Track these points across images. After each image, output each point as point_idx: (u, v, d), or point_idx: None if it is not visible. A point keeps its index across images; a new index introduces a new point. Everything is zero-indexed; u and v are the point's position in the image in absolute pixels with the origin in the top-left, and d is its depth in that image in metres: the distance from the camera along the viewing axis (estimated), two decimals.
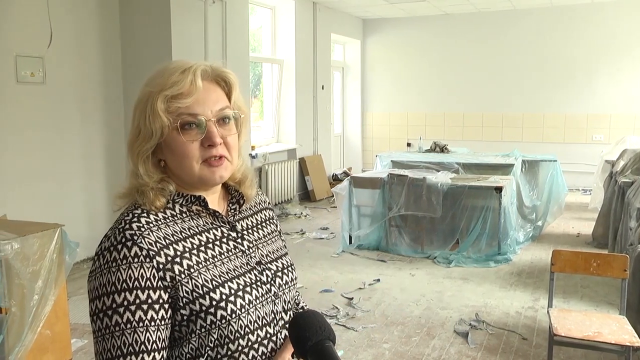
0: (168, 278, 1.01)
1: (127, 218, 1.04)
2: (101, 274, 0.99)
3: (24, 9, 4.74)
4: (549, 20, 9.39)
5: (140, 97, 1.08)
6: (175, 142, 1.07)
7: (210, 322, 1.03)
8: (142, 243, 1.00)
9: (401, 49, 10.62)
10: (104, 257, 1.00)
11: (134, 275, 0.98)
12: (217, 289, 1.05)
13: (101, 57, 5.54)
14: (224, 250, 1.12)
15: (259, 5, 8.26)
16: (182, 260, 1.03)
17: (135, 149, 1.08)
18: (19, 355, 2.74)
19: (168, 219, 1.07)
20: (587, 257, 3.02)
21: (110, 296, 0.98)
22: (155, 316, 0.99)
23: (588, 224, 6.69)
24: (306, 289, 4.72)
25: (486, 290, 4.67)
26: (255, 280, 1.12)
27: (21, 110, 4.78)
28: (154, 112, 1.05)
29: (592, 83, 9.25)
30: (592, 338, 2.75)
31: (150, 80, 1.08)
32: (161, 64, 1.11)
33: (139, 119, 1.07)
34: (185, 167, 1.08)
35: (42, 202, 4.90)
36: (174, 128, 1.06)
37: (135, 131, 1.08)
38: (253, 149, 7.54)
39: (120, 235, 1.01)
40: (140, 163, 1.08)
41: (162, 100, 1.05)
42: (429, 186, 5.59)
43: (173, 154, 1.08)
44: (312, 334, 1.00)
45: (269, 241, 1.25)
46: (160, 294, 1.00)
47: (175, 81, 1.05)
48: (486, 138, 10.05)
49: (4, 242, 2.68)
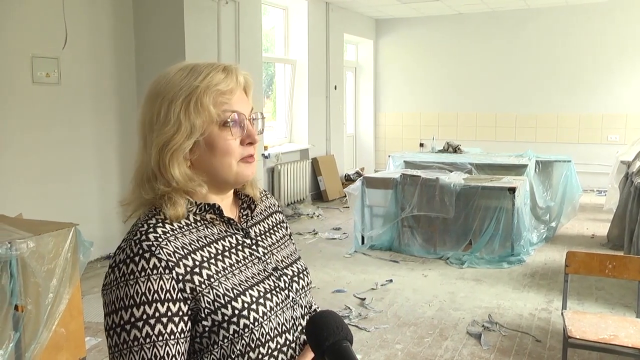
0: (188, 289, 0.98)
1: (142, 229, 1.01)
2: (117, 287, 0.97)
3: (39, 11, 4.79)
4: (563, 19, 9.31)
5: (175, 93, 1.03)
6: (217, 139, 1.05)
7: (233, 332, 1.02)
8: (160, 254, 0.98)
9: (414, 48, 10.59)
10: (120, 269, 0.97)
11: (153, 287, 0.96)
12: (238, 298, 1.03)
13: (115, 58, 5.59)
14: (240, 258, 1.10)
15: (271, 6, 8.28)
16: (201, 270, 1.01)
17: (171, 147, 1.03)
18: (34, 352, 2.77)
19: (183, 229, 1.05)
20: (603, 258, 2.98)
21: (129, 310, 0.95)
22: (175, 329, 0.97)
23: (603, 225, 6.62)
24: (318, 289, 4.72)
25: (499, 292, 4.64)
26: (274, 287, 1.11)
27: (37, 111, 4.83)
28: (203, 106, 1.03)
29: (608, 82, 9.15)
30: (608, 341, 2.72)
31: (180, 77, 1.05)
32: (181, 64, 1.09)
33: (179, 114, 1.02)
34: (224, 165, 1.07)
35: (57, 202, 4.95)
36: (219, 124, 1.05)
37: (172, 128, 1.02)
38: (266, 149, 7.56)
39: (137, 246, 0.98)
40: (175, 164, 1.03)
41: (210, 95, 1.04)
42: (442, 186, 5.56)
43: (213, 151, 1.06)
44: (330, 334, 1.00)
45: (282, 246, 1.24)
46: (180, 306, 0.97)
47: (222, 78, 1.05)
48: (499, 138, 9.98)
49: (19, 240, 2.71)
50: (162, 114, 1.03)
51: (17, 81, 4.66)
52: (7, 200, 4.46)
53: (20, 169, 4.71)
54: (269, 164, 7.74)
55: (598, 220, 7.10)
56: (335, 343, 0.99)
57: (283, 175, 7.88)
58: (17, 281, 2.69)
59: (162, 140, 1.03)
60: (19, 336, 2.71)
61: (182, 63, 1.10)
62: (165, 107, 1.03)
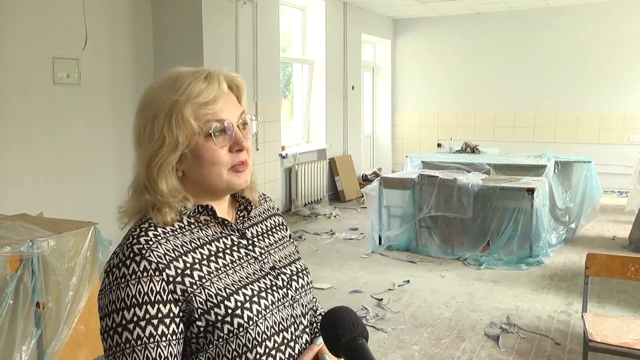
0: (179, 291, 0.99)
1: (134, 233, 1.03)
2: (110, 291, 0.98)
3: (60, 13, 4.86)
4: (583, 17, 9.19)
5: (158, 107, 1.04)
6: (203, 150, 1.05)
7: (228, 332, 1.02)
8: (150, 257, 0.98)
9: (432, 48, 10.53)
10: (113, 274, 0.99)
11: (143, 289, 0.96)
12: (231, 297, 1.03)
13: (134, 59, 5.64)
14: (235, 258, 1.10)
15: (289, 6, 8.29)
16: (192, 272, 1.02)
17: (157, 162, 1.04)
18: (55, 349, 2.81)
19: (176, 231, 1.05)
20: (624, 260, 2.92)
21: (120, 312, 0.96)
22: (166, 331, 0.97)
23: (624, 226, 6.53)
24: (335, 289, 4.72)
25: (518, 293, 4.60)
26: (270, 285, 1.11)
27: (57, 111, 4.90)
28: (183, 120, 1.02)
29: (630, 82, 9.00)
30: (631, 345, 2.67)
31: (164, 89, 1.05)
32: (168, 73, 1.09)
33: (162, 129, 1.03)
34: (213, 175, 1.07)
35: (77, 201, 5.01)
36: (203, 135, 1.04)
37: (156, 143, 1.03)
38: (283, 149, 7.57)
39: (129, 250, 0.99)
40: (162, 178, 1.05)
41: (190, 108, 1.03)
42: (460, 187, 5.53)
43: (200, 162, 1.06)
44: (345, 331, 1.00)
45: (281, 247, 1.23)
46: (170, 308, 0.98)
47: (203, 88, 1.04)
48: (518, 139, 9.89)
49: (41, 239, 2.75)
50: (147, 128, 1.05)
51: (38, 82, 4.73)
52: (28, 199, 4.53)
53: (41, 169, 4.78)
54: (286, 164, 7.76)
55: (619, 221, 6.99)
56: (351, 340, 0.99)
57: (300, 175, 7.89)
58: (38, 279, 2.73)
59: (149, 154, 1.05)
60: (40, 333, 2.75)
61: (170, 72, 1.09)
62: (150, 122, 1.04)
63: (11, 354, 2.61)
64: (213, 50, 5.82)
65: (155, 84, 1.09)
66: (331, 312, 1.05)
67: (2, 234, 2.79)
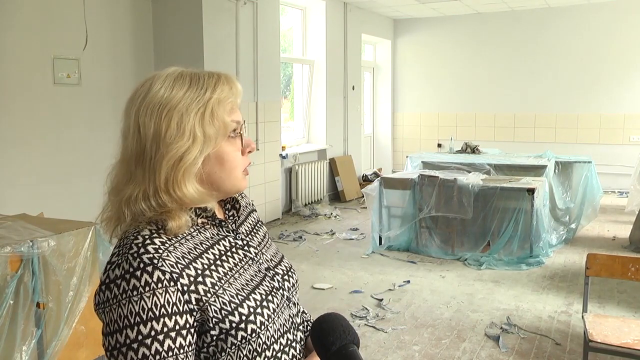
0: (193, 300, 0.95)
1: (137, 241, 0.95)
2: (119, 305, 0.91)
3: (61, 13, 4.86)
4: (584, 18, 9.19)
5: (188, 103, 0.99)
6: (225, 152, 1.04)
7: (241, 338, 0.99)
8: (163, 266, 0.93)
9: (432, 49, 10.53)
10: (119, 286, 0.92)
11: (160, 302, 0.91)
12: (244, 303, 1.01)
13: (134, 59, 5.64)
14: (237, 261, 1.08)
15: (289, 6, 8.29)
16: (204, 278, 0.98)
17: (185, 162, 0.98)
18: (55, 349, 2.80)
19: (179, 237, 1.00)
20: (625, 261, 2.92)
21: (135, 328, 0.90)
22: (184, 342, 0.93)
23: (624, 227, 6.53)
24: (336, 290, 4.72)
25: (518, 294, 4.60)
26: (272, 288, 1.10)
27: (57, 111, 4.90)
28: (217, 117, 1.01)
29: (630, 82, 9.00)
30: (632, 346, 2.67)
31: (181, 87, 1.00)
32: (168, 72, 1.03)
33: (194, 127, 0.98)
34: (233, 178, 1.06)
35: (77, 201, 5.01)
36: (227, 136, 1.03)
37: (187, 142, 0.98)
38: (283, 150, 7.57)
39: (137, 260, 0.93)
40: (188, 181, 0.99)
41: (222, 107, 1.02)
42: (460, 187, 5.53)
43: (222, 164, 1.04)
44: (337, 338, 1.00)
45: (267, 245, 1.22)
46: (186, 319, 0.94)
47: (228, 89, 1.04)
48: (518, 139, 9.89)
49: (41, 239, 2.75)
50: (172, 126, 0.98)
51: (38, 82, 4.74)
52: (28, 199, 4.54)
53: (41, 169, 4.79)
54: (286, 164, 7.76)
55: (619, 222, 6.99)
56: (342, 347, 0.99)
57: (301, 176, 7.89)
58: (38, 279, 2.73)
59: (177, 155, 0.97)
60: (40, 333, 2.75)
61: (170, 71, 1.04)
62: (177, 119, 0.98)
63: (11, 354, 2.61)
64: (213, 50, 5.83)
65: (157, 84, 1.02)
66: (321, 320, 1.05)
67: (2, 234, 2.78)
